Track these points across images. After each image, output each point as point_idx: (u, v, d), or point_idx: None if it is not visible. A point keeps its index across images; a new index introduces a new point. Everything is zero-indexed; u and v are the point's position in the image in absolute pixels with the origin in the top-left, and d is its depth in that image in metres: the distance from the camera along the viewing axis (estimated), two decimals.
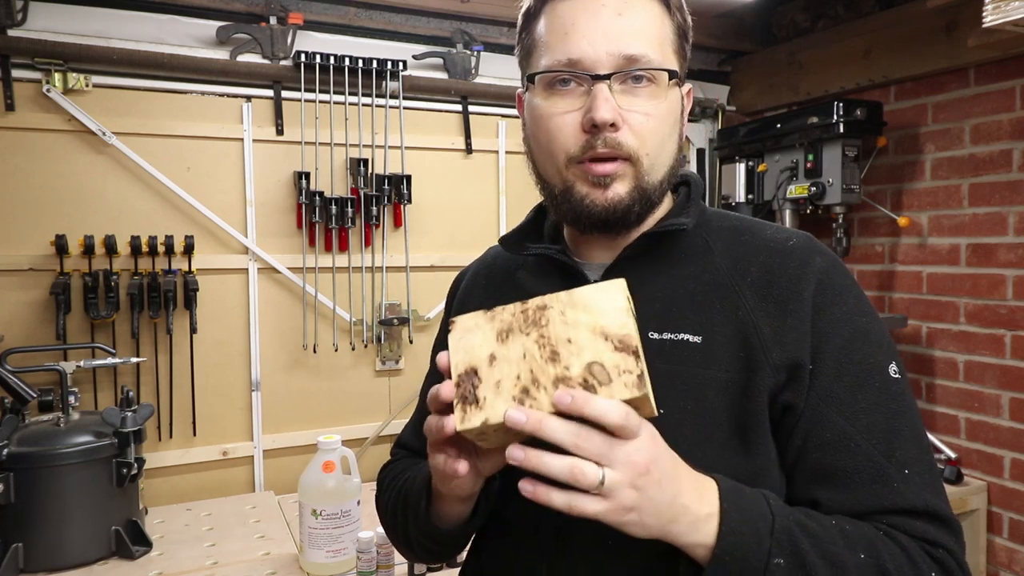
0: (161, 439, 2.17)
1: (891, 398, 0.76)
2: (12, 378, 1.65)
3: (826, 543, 0.68)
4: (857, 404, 0.75)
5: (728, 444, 0.75)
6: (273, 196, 2.32)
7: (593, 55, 0.77)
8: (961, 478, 2.26)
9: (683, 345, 0.77)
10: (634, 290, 0.78)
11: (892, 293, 2.56)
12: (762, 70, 2.95)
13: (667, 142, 0.81)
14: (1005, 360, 2.21)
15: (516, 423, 0.60)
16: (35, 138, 2.03)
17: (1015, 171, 2.17)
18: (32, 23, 2.01)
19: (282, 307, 2.34)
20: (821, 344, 0.76)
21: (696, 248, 0.84)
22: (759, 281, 0.79)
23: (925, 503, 0.73)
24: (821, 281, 0.78)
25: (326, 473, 1.64)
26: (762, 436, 0.75)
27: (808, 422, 0.75)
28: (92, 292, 2.03)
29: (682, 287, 0.81)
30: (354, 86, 2.35)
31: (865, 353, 0.77)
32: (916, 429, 0.77)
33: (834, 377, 0.75)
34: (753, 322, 0.77)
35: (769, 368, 0.75)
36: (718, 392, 0.76)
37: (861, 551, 0.69)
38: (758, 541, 0.66)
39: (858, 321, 0.78)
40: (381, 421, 2.44)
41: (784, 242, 0.82)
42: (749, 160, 2.72)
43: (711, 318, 0.78)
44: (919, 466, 0.74)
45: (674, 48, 0.82)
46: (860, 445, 0.74)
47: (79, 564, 1.65)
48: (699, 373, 0.76)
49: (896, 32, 2.41)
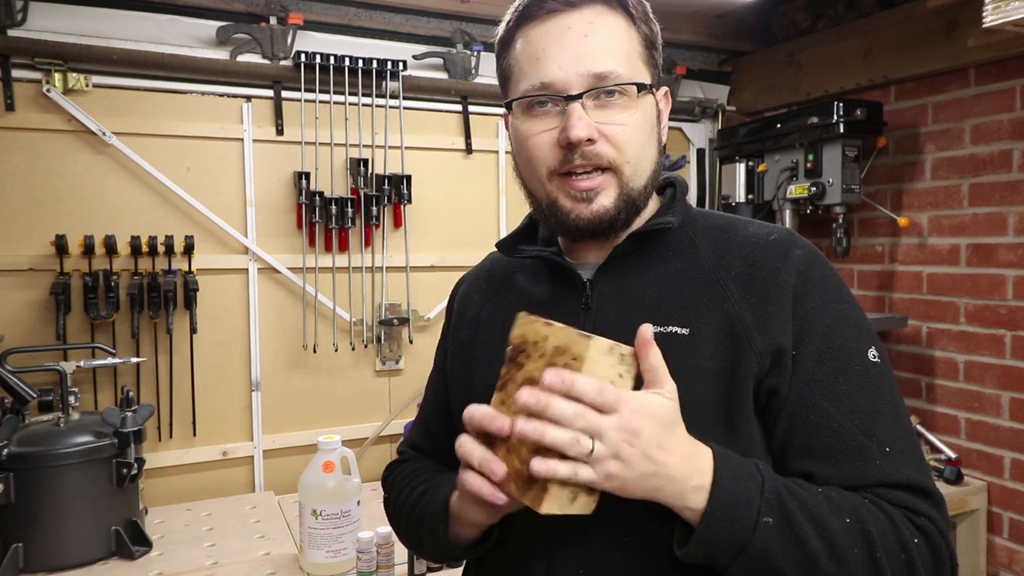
0: (161, 439, 2.17)
1: (870, 380, 0.80)
2: (12, 378, 1.65)
3: (812, 507, 0.72)
4: (839, 387, 0.79)
5: (715, 429, 0.78)
6: (273, 196, 2.32)
7: (564, 77, 0.81)
8: (961, 478, 2.26)
9: (672, 337, 0.81)
10: (624, 287, 0.87)
11: (892, 293, 2.56)
12: (762, 70, 2.95)
13: (646, 148, 0.85)
14: (1005, 360, 2.21)
15: (528, 404, 0.67)
16: (35, 138, 2.03)
17: (1015, 171, 2.17)
18: (32, 23, 2.01)
19: (282, 307, 2.34)
20: (803, 331, 0.80)
21: (683, 246, 0.88)
22: (742, 274, 0.83)
23: (906, 477, 0.77)
24: (801, 272, 0.82)
25: (326, 473, 1.64)
26: (747, 420, 0.79)
27: (793, 405, 0.79)
28: (92, 292, 2.03)
29: (670, 282, 0.85)
30: (354, 86, 2.35)
31: (846, 338, 0.80)
32: (896, 409, 0.80)
33: (816, 362, 0.79)
34: (737, 313, 0.81)
35: (753, 355, 0.79)
36: (705, 380, 0.80)
37: (846, 515, 0.73)
38: (748, 500, 0.71)
39: (837, 308, 0.82)
40: (381, 421, 2.44)
41: (765, 237, 0.86)
42: (749, 160, 2.72)
43: (698, 311, 0.82)
44: (900, 443, 0.78)
45: (643, 59, 0.86)
46: (843, 425, 0.77)
47: (79, 564, 1.65)
48: (687, 363, 0.79)
49: (896, 32, 2.41)
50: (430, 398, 1.08)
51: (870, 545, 0.72)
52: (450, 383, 1.01)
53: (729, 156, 2.79)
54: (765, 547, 0.70)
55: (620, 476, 0.68)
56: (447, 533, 0.86)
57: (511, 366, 0.73)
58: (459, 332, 1.01)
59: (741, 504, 0.70)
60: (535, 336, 0.72)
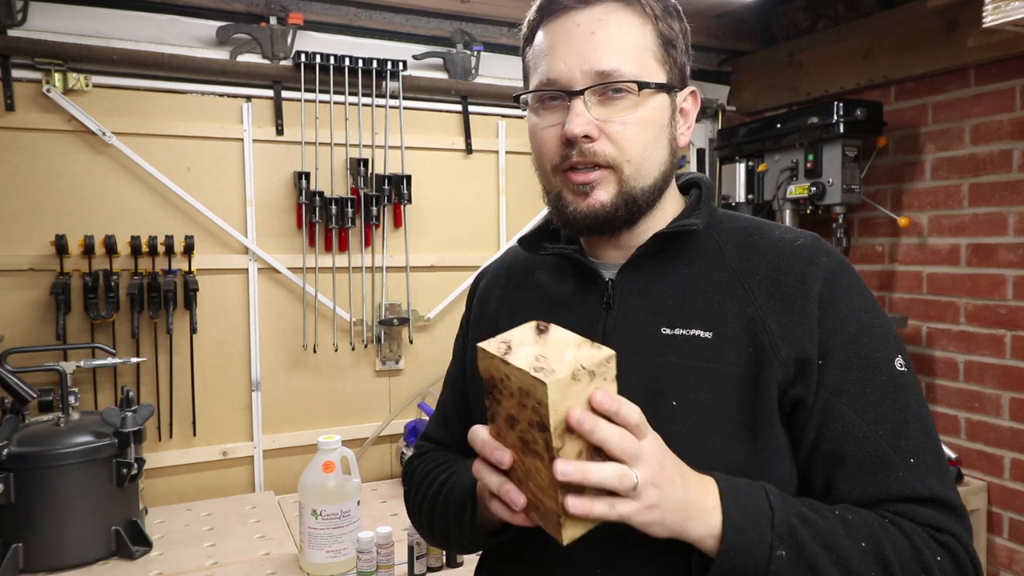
0: (161, 439, 2.17)
1: (897, 390, 0.79)
2: (12, 378, 1.65)
3: (827, 533, 0.72)
4: (865, 397, 0.78)
5: (737, 435, 0.78)
6: (273, 196, 2.32)
7: (568, 73, 0.82)
8: (961, 478, 2.26)
9: (694, 340, 0.81)
10: (647, 288, 0.86)
11: (892, 293, 2.56)
12: (762, 70, 2.95)
13: (652, 148, 0.84)
14: (1005, 360, 2.21)
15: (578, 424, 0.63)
16: (35, 138, 2.03)
17: (1015, 171, 2.17)
18: (32, 23, 2.01)
19: (282, 307, 2.34)
20: (829, 340, 0.79)
21: (707, 248, 0.87)
22: (767, 279, 0.82)
23: (930, 491, 0.76)
24: (827, 279, 0.81)
25: (326, 473, 1.64)
26: (771, 429, 0.78)
27: (819, 415, 0.78)
28: (92, 292, 2.03)
29: (693, 285, 0.84)
30: (354, 86, 2.35)
31: (872, 347, 0.80)
32: (923, 420, 0.79)
33: (842, 371, 0.78)
34: (761, 318, 0.80)
35: (778, 363, 0.78)
36: (727, 385, 0.79)
37: (862, 539, 0.72)
38: (759, 535, 0.70)
39: (864, 317, 0.81)
40: (381, 421, 2.44)
41: (792, 242, 0.85)
42: (749, 160, 2.72)
43: (721, 315, 0.82)
44: (925, 455, 0.77)
45: (657, 57, 0.84)
46: (868, 436, 0.77)
47: (79, 564, 1.65)
48: (709, 367, 0.79)
49: (896, 32, 2.41)
50: (448, 390, 1.08)
51: (887, 568, 0.71)
52: (468, 378, 1.01)
53: (729, 156, 2.79)
54: None
55: (658, 504, 0.67)
56: (474, 519, 0.85)
57: (490, 400, 0.71)
58: (479, 327, 1.00)
59: (753, 541, 0.70)
60: (497, 373, 0.69)
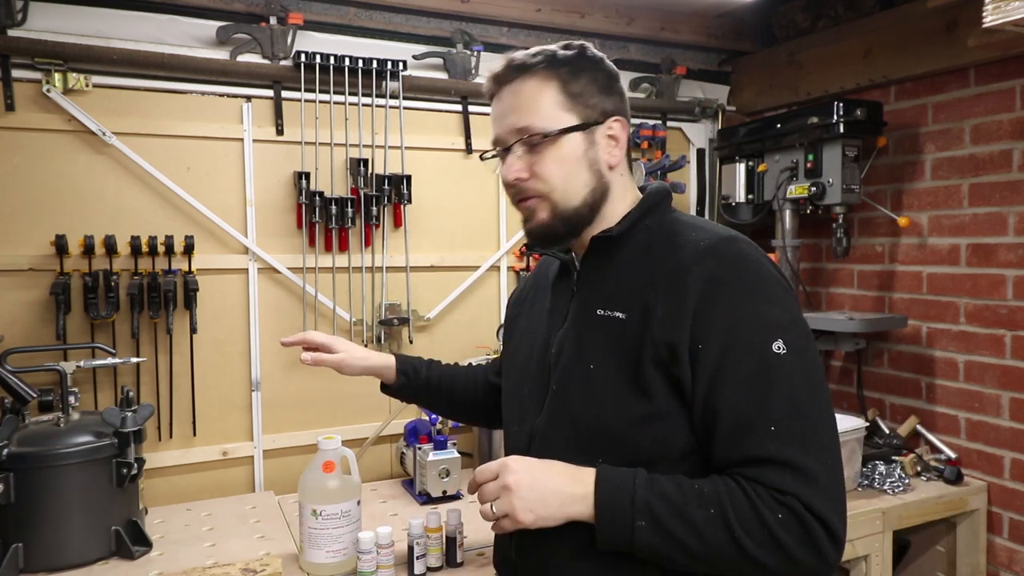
0: (161, 439, 2.17)
1: (771, 368, 0.94)
2: (12, 378, 1.65)
3: (680, 504, 0.94)
4: (739, 374, 0.95)
5: (633, 393, 1.01)
6: (273, 196, 2.32)
7: (503, 135, 1.11)
8: (961, 478, 2.26)
9: (614, 320, 1.05)
10: (595, 279, 1.12)
11: (892, 293, 2.56)
12: (762, 70, 2.95)
13: (572, 176, 1.08)
14: (1005, 360, 2.21)
15: None
16: (35, 138, 2.03)
17: (1015, 171, 2.17)
18: (32, 23, 2.01)
19: (282, 307, 2.34)
20: (707, 327, 0.96)
21: (640, 247, 1.09)
22: (668, 274, 1.02)
23: (783, 455, 0.92)
24: (711, 275, 0.98)
25: (326, 473, 1.64)
26: (657, 392, 0.99)
27: (704, 389, 0.96)
28: (92, 292, 2.03)
29: (624, 276, 1.08)
30: (354, 86, 2.35)
31: (750, 333, 0.96)
32: (794, 394, 0.94)
33: (722, 353, 0.95)
34: (654, 306, 1.01)
35: (651, 344, 0.99)
36: (627, 356, 1.02)
37: (711, 507, 0.93)
38: (623, 510, 0.95)
39: (745, 307, 0.97)
40: (381, 421, 2.44)
41: (697, 243, 1.03)
42: (749, 160, 2.72)
43: (633, 301, 1.04)
44: (788, 423, 0.93)
45: (563, 106, 1.07)
46: (737, 405, 0.94)
47: (79, 564, 1.65)
48: (622, 341, 1.03)
49: (896, 32, 2.41)
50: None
51: (729, 528, 0.91)
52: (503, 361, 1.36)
53: (729, 156, 2.79)
54: (646, 541, 0.94)
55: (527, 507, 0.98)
56: None
57: None
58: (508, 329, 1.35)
59: (618, 514, 0.95)
60: None
